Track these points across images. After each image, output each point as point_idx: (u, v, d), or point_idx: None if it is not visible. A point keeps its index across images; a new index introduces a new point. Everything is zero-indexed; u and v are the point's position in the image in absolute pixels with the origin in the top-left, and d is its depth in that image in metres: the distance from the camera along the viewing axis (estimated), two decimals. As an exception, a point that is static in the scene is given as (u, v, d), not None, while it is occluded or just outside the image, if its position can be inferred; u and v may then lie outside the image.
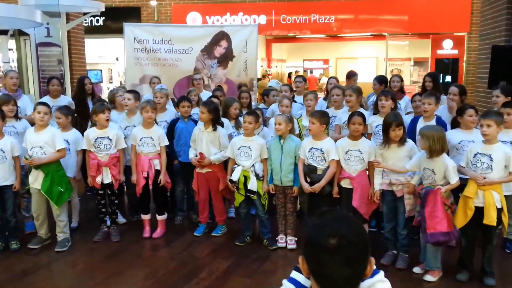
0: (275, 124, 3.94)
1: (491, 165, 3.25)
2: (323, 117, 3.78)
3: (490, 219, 3.22)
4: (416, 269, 3.54)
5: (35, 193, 3.94)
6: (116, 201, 4.30)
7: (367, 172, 3.79)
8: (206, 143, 4.16)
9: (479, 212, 3.26)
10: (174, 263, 3.77)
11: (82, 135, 4.28)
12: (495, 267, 3.47)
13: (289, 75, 12.97)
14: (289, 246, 4.01)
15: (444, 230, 3.20)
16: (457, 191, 3.45)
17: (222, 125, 4.27)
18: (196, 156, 4.16)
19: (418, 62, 11.58)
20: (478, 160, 3.31)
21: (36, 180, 3.90)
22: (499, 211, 3.25)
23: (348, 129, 3.77)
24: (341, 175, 3.79)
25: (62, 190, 3.91)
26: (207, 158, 4.13)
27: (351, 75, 6.01)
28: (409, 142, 3.65)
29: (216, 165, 4.21)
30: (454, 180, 3.32)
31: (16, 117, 4.30)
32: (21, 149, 4.00)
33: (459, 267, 3.47)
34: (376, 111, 4.24)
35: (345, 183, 3.79)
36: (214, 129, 4.15)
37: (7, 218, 4.00)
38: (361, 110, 4.16)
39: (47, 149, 3.86)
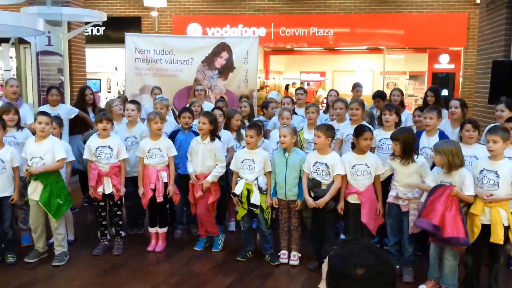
0: (280, 137, 3.89)
1: (498, 182, 3.22)
2: (329, 131, 3.72)
3: (497, 237, 3.18)
4: (422, 287, 3.49)
5: (34, 204, 3.84)
6: (118, 212, 4.19)
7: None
8: (202, 155, 4.10)
9: (486, 230, 3.22)
10: (175, 279, 3.68)
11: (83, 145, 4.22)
12: (500, 285, 3.43)
13: (286, 87, 13.00)
14: (291, 262, 3.94)
15: (435, 222, 3.12)
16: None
17: (219, 137, 4.22)
18: (194, 173, 4.10)
19: (414, 76, 11.67)
20: (484, 176, 3.28)
21: (35, 191, 3.80)
22: (506, 229, 3.21)
23: (358, 144, 3.69)
24: (348, 190, 3.70)
25: (60, 202, 3.81)
26: (204, 184, 4.04)
27: (356, 86, 5.99)
28: (420, 158, 3.61)
29: None
30: (469, 192, 3.23)
31: (18, 126, 4.20)
32: (21, 160, 3.92)
33: (465, 286, 3.43)
34: (379, 125, 4.23)
35: (352, 199, 3.71)
36: (212, 139, 4.10)
37: (5, 231, 3.89)
38: (365, 123, 4.15)
39: (47, 160, 3.78)
